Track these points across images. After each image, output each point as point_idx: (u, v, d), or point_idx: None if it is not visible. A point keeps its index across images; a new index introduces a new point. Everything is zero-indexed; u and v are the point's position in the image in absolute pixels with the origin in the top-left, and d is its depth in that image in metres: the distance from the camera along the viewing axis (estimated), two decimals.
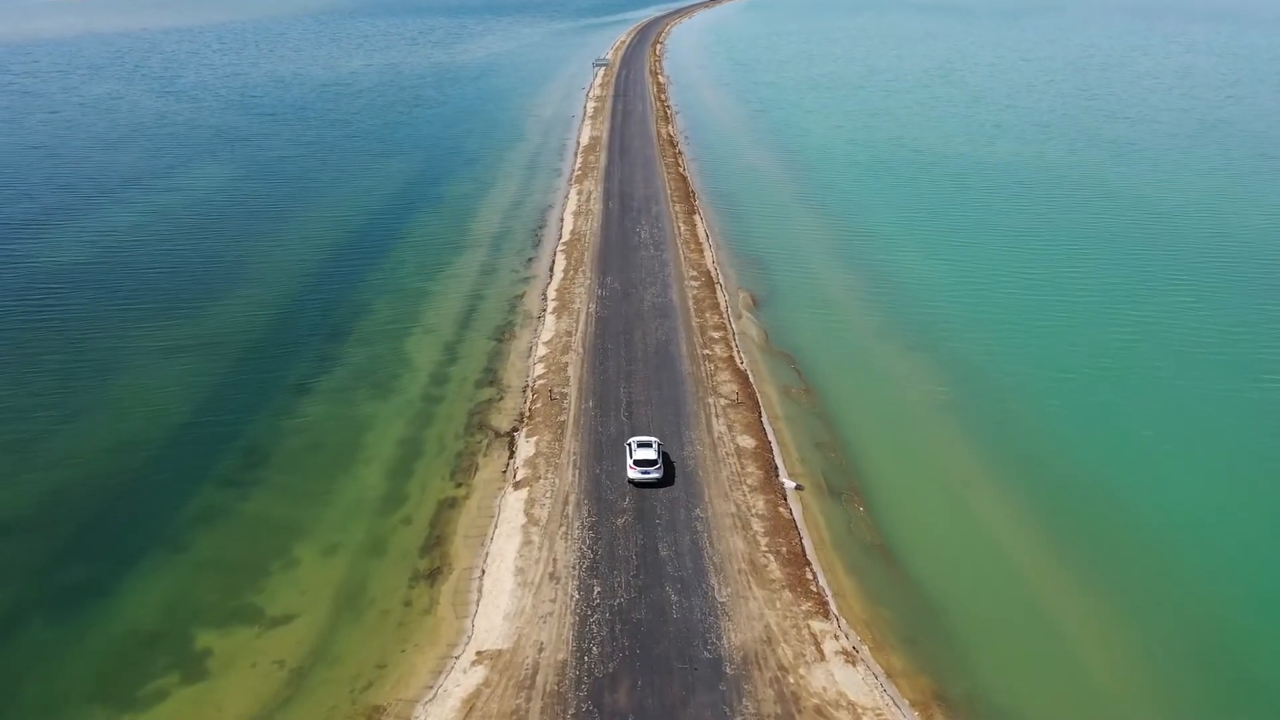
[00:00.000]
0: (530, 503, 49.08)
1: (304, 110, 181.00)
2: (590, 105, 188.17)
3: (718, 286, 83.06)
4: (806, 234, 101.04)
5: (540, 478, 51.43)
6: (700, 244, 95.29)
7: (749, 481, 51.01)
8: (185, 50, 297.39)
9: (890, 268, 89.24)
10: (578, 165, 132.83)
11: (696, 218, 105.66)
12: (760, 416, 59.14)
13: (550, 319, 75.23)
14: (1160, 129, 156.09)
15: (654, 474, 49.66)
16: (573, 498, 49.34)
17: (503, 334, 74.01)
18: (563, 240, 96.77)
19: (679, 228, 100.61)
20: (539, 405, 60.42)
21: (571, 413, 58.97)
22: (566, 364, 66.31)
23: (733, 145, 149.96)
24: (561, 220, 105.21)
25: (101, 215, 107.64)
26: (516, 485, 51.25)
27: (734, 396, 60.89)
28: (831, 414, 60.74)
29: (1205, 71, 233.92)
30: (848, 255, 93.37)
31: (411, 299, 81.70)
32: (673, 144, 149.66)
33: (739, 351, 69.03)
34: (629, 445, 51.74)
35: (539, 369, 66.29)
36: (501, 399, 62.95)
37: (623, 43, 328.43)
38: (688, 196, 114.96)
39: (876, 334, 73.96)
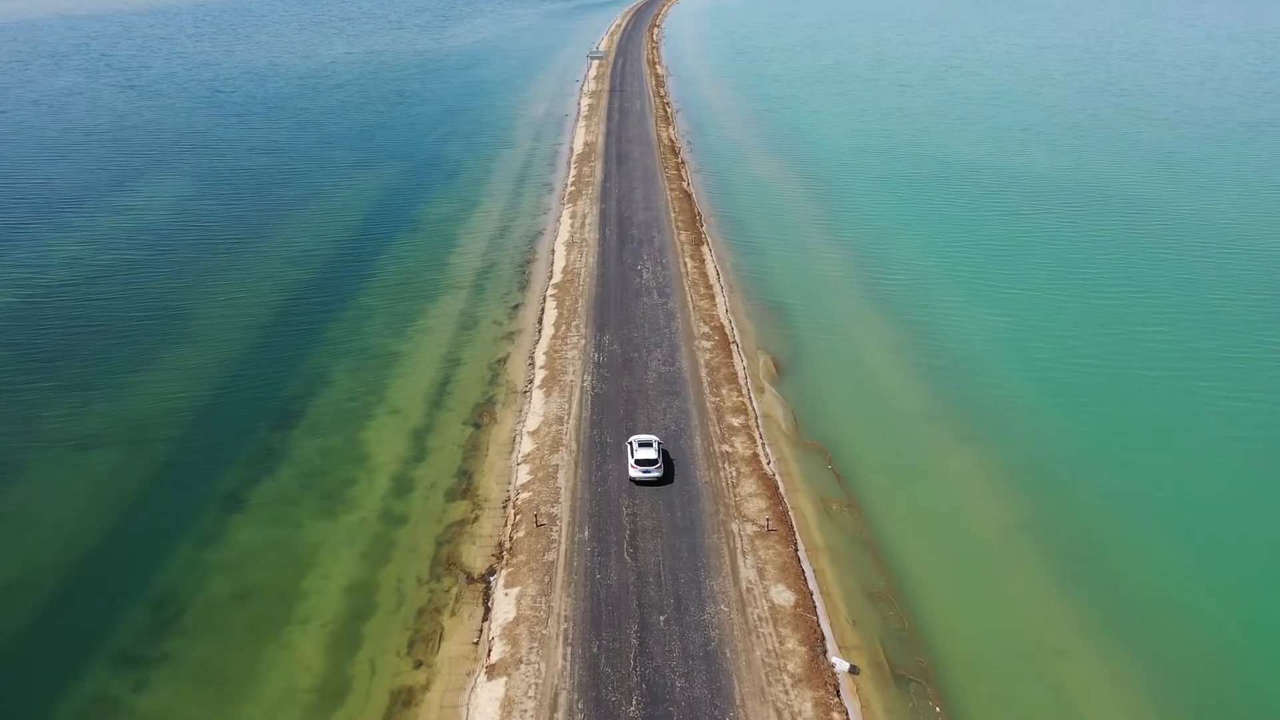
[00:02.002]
0: (508, 707, 37.67)
1: (275, 109, 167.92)
2: (585, 102, 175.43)
3: (733, 347, 71.40)
4: (829, 271, 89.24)
5: (522, 661, 40.02)
6: (710, 287, 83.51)
7: (790, 667, 39.67)
8: (157, 35, 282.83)
9: (930, 318, 77.63)
10: (571, 179, 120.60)
11: (704, 249, 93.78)
12: (797, 550, 47.76)
13: (538, 396, 63.57)
14: (1203, 133, 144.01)
15: (655, 473, 51.44)
16: (564, 699, 37.94)
17: (481, 416, 62.35)
18: (553, 281, 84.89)
19: (685, 264, 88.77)
20: (522, 534, 48.93)
21: (562, 548, 47.50)
22: (556, 467, 54.75)
23: (739, 153, 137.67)
24: (552, 252, 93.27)
25: (33, 246, 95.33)
26: (490, 671, 39.83)
27: (763, 520, 49.44)
28: (882, 542, 49.39)
29: (1233, 62, 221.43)
30: (878, 300, 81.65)
31: (376, 365, 69.88)
32: (674, 151, 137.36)
33: (764, 446, 57.51)
34: (630, 444, 53.35)
35: (523, 473, 54.74)
36: (477, 519, 51.40)
37: (618, 26, 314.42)
38: (693, 221, 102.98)
39: (923, 416, 62.44)
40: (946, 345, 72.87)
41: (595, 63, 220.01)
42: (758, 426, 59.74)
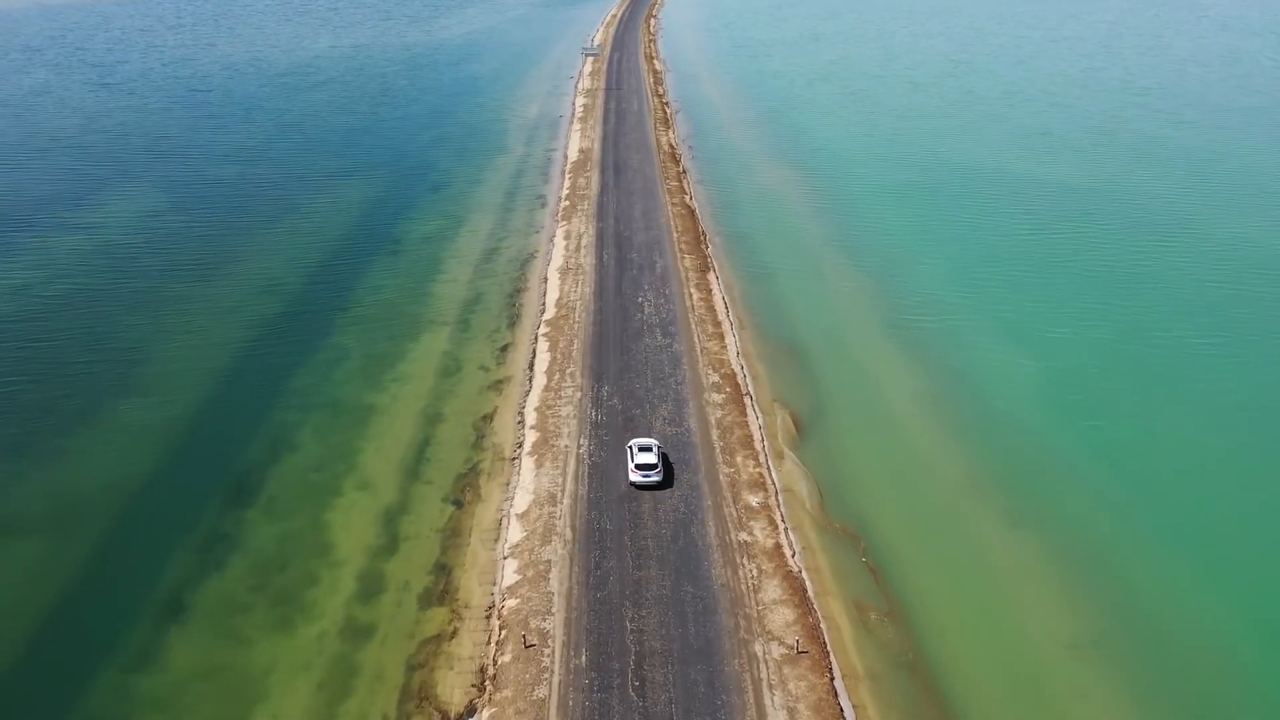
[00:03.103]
0: None
1: (253, 110, 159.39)
2: (579, 102, 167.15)
3: (747, 400, 63.90)
4: (847, 303, 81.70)
5: None
6: (719, 323, 75.93)
7: None
8: (136, 27, 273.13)
9: (961, 361, 70.12)
10: (565, 191, 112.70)
11: (711, 276, 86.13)
12: (833, 680, 40.42)
13: (528, 466, 56.08)
14: (1237, 139, 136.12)
15: (655, 477, 52.06)
16: None
17: (463, 491, 54.87)
18: (546, 317, 77.25)
19: (691, 294, 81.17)
20: (508, 658, 41.54)
21: (555, 680, 40.11)
22: (548, 564, 47.36)
23: (744, 160, 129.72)
24: (545, 280, 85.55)
25: None
26: None
27: (792, 640, 42.07)
28: (931, 664, 42.10)
29: (1253, 56, 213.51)
30: (903, 338, 74.12)
31: (348, 423, 62.28)
32: (675, 158, 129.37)
33: (788, 533, 50.13)
34: (630, 448, 54.00)
35: (510, 570, 47.33)
36: (455, 633, 43.99)
37: (614, 17, 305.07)
38: (698, 242, 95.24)
39: (965, 488, 55.07)
40: (982, 395, 65.44)
41: (590, 59, 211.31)
42: (779, 506, 52.32)
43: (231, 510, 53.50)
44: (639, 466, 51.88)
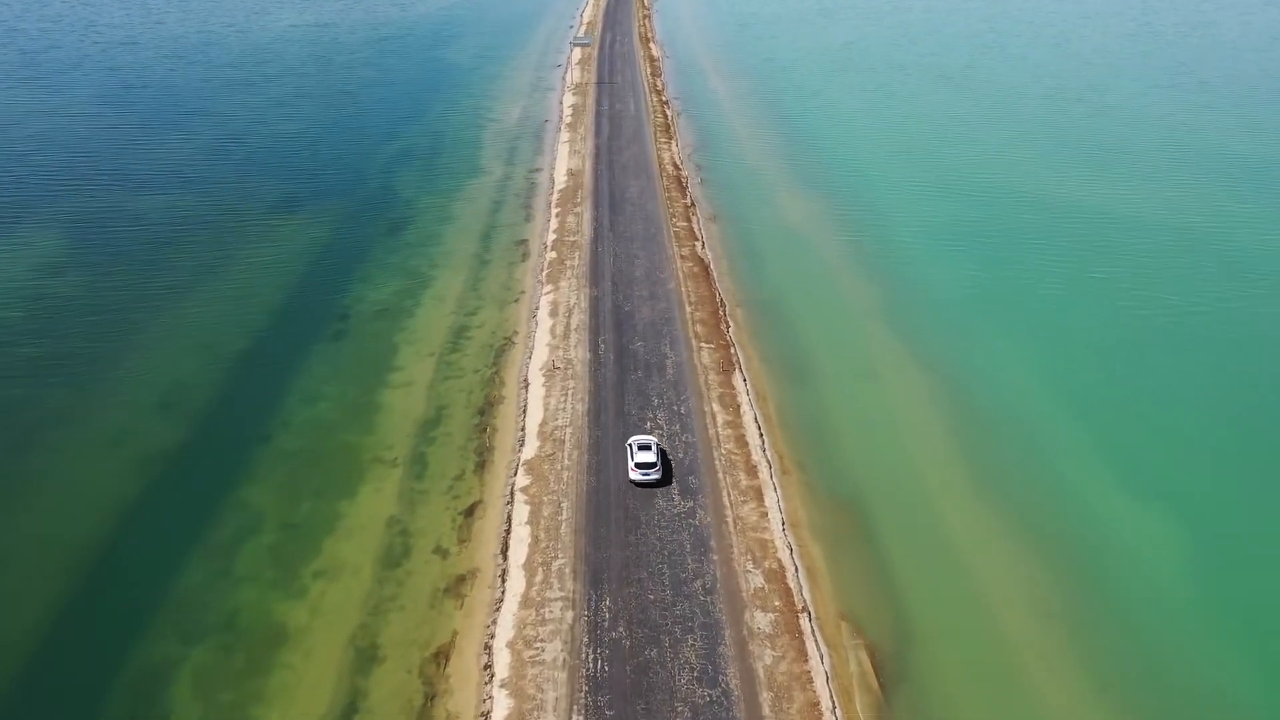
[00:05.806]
0: None
1: (194, 114, 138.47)
2: (568, 102, 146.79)
3: (804, 621, 45.90)
4: (914, 425, 63.57)
5: None
6: (753, 467, 57.70)
7: None
8: (81, 0, 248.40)
9: (1089, 539, 52.22)
10: (551, 237, 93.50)
11: (737, 379, 67.80)
12: None
13: None
14: None
15: (654, 475, 53.84)
16: None
17: None
18: (526, 455, 58.84)
19: (714, 414, 62.90)
20: None
21: None
22: None
23: (759, 185, 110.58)
24: (525, 386, 67.04)
25: None
26: None
27: None
28: None
29: None
30: (1001, 495, 56.14)
31: (243, 664, 44.28)
32: (681, 184, 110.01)
33: None
34: (630, 446, 55.51)
35: None
36: None
37: None
38: (717, 320, 76.65)
39: None
40: (1127, 605, 47.66)
41: (579, 48, 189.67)
42: None
43: None
44: (639, 465, 53.99)
